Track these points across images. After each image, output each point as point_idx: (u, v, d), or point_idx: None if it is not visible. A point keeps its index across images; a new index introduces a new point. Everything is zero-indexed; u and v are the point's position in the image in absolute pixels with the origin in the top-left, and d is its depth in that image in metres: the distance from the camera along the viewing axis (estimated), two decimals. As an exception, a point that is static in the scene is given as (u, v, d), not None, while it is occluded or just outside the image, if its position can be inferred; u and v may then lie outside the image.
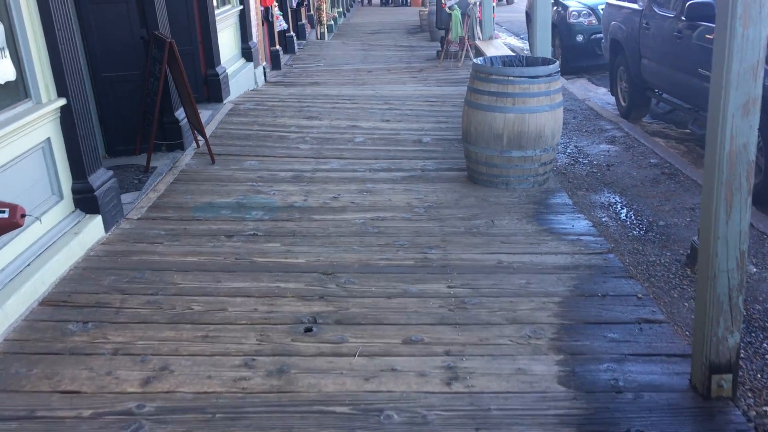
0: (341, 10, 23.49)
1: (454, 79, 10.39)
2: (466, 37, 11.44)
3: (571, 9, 11.68)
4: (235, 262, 4.19)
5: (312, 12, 16.92)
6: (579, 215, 4.89)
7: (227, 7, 9.17)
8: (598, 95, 10.13)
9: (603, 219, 5.06)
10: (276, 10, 12.08)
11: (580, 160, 6.55)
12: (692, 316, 3.68)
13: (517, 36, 18.14)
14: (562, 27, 11.86)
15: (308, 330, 3.44)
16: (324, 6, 16.12)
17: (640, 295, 3.71)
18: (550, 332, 3.38)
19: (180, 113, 6.39)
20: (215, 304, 3.68)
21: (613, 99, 9.17)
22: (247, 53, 9.73)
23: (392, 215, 4.92)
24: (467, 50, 11.53)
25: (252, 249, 4.37)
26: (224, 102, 8.22)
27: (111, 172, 4.79)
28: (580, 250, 4.29)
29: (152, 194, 5.36)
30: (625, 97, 8.45)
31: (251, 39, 9.87)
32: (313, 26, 16.94)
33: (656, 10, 7.34)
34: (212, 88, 8.14)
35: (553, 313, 3.55)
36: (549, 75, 5.28)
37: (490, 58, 5.73)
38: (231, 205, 5.15)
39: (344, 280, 3.94)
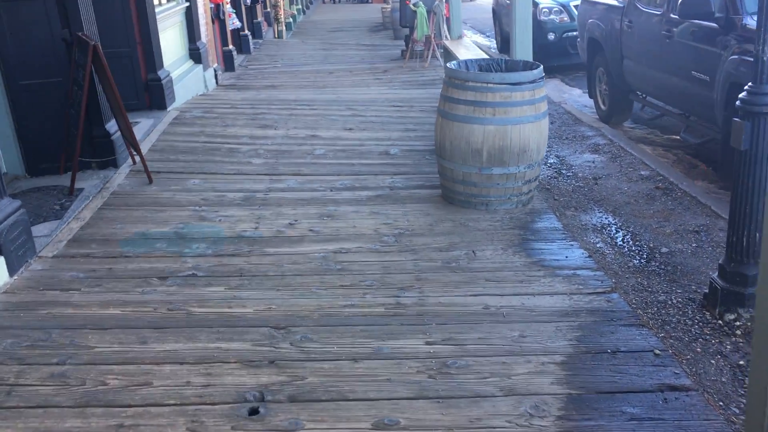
0: (300, 6, 22.68)
1: (421, 81, 9.73)
2: (433, 36, 10.78)
3: (541, 6, 11.11)
4: (167, 315, 3.44)
5: (269, 9, 16.10)
6: (572, 242, 4.26)
7: (170, 4, 8.34)
8: (573, 97, 9.57)
9: (598, 245, 4.44)
10: (228, 7, 11.26)
11: (564, 172, 5.93)
12: (724, 379, 3.06)
13: (483, 33, 17.57)
14: (533, 25, 11.24)
15: (254, 412, 2.73)
16: (282, 3, 15.32)
17: (657, 351, 3.08)
18: (555, 407, 2.72)
19: (111, 125, 5.59)
20: (137, 376, 2.94)
21: (590, 101, 8.61)
22: (195, 54, 8.92)
23: (358, 246, 4.22)
24: (434, 50, 10.88)
25: (189, 296, 3.63)
26: (168, 109, 7.41)
27: (18, 203, 4.00)
28: (578, 289, 3.65)
29: (74, 224, 4.56)
30: (605, 101, 7.88)
31: (200, 39, 9.05)
32: (270, 24, 16.12)
33: (640, 7, 6.77)
34: (154, 95, 7.33)
35: (557, 378, 2.90)
36: (533, 81, 4.63)
37: (465, 61, 5.06)
38: (168, 237, 4.39)
39: (300, 337, 3.23)
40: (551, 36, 11.01)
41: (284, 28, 16.32)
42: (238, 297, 3.61)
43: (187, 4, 8.73)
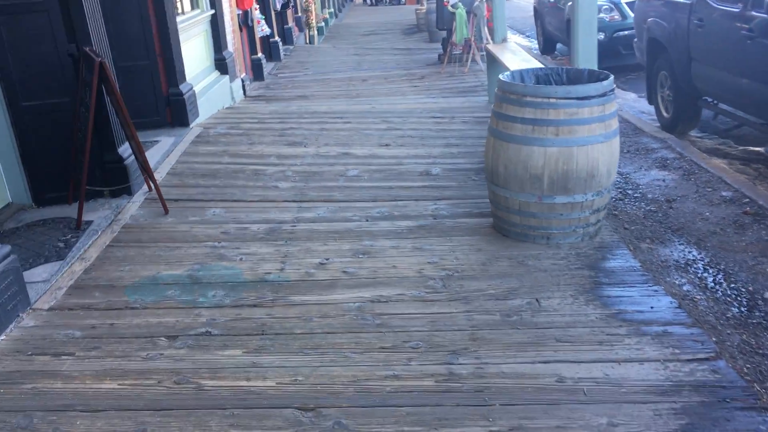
0: (332, 10, 22.20)
1: (461, 88, 9.08)
2: (473, 40, 10.12)
3: (589, 4, 10.33)
4: (172, 391, 2.85)
5: (300, 14, 15.60)
6: (655, 287, 3.57)
7: (194, 12, 7.84)
8: (629, 102, 8.80)
9: (685, 288, 3.74)
10: (257, 14, 10.76)
11: (630, 192, 5.23)
12: None
13: (522, 34, 16.83)
14: (579, 24, 10.51)
15: None
16: (313, 7, 14.81)
17: (791, 449, 2.40)
18: None
19: (125, 149, 5.06)
20: (130, 482, 2.36)
21: (649, 107, 7.85)
22: (221, 65, 8.41)
23: (399, 293, 3.60)
24: (474, 54, 10.21)
25: (201, 362, 3.04)
26: (191, 126, 6.89)
27: (7, 248, 3.46)
28: (674, 354, 2.97)
29: (78, 265, 4.02)
30: (669, 107, 7.13)
31: (226, 48, 8.54)
32: (301, 29, 15.62)
33: (712, 4, 6.02)
34: (176, 110, 6.81)
35: (664, 490, 2.24)
36: (603, 95, 3.95)
37: (520, 72, 4.40)
38: (182, 281, 3.82)
39: (333, 424, 2.61)
40: (601, 36, 10.22)
41: (316, 32, 15.83)
42: (258, 364, 3.01)
43: (213, 11, 8.22)
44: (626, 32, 10.16)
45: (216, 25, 8.29)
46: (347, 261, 4.00)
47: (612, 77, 4.07)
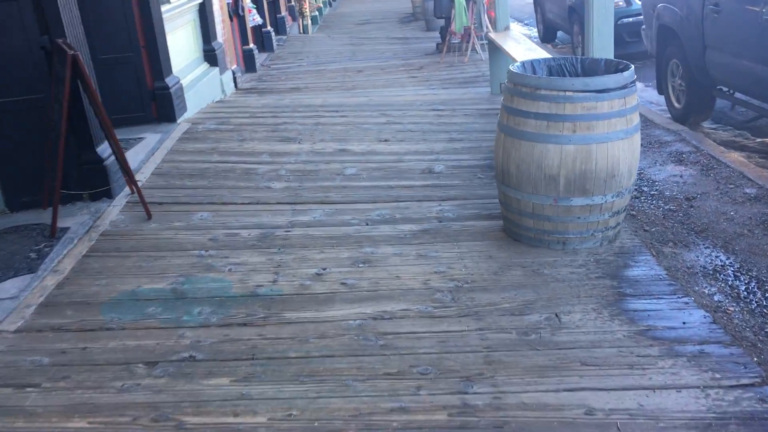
0: (326, -1, 21.74)
1: (461, 79, 8.72)
2: (473, 28, 9.75)
3: (592, -10, 9.96)
4: (149, 431, 2.52)
5: (293, 2, 15.18)
6: (685, 299, 3.25)
7: (181, 1, 7.45)
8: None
9: (716, 298, 3.41)
10: (248, 3, 10.36)
11: (647, 190, 4.89)
12: None
13: (520, 21, 16.43)
14: (582, 11, 10.14)
15: None
16: (306, -4, 14.39)
17: None
18: None
19: (104, 149, 4.69)
20: None
21: (658, 97, 7.51)
22: (210, 56, 8.02)
23: (404, 309, 3.26)
24: (474, 43, 9.84)
25: (183, 394, 2.71)
26: (178, 121, 6.52)
27: (-33, 265, 3.12)
28: (714, 379, 2.65)
29: (50, 279, 3.68)
30: (680, 97, 6.78)
31: (215, 39, 8.15)
32: (294, 19, 15.21)
33: (730, -13, 5.66)
34: (162, 105, 6.44)
35: None
36: (624, 87, 3.61)
37: (531, 62, 4.05)
38: (164, 296, 3.48)
39: (332, 469, 2.29)
40: (604, 23, 9.87)
41: (309, 22, 15.42)
42: (247, 395, 2.67)
43: (200, 0, 7.83)
44: (631, 19, 9.80)
45: (204, 14, 7.90)
46: (346, 271, 3.66)
47: (632, 67, 3.72)
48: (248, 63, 10.19)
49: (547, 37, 13.07)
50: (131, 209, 4.57)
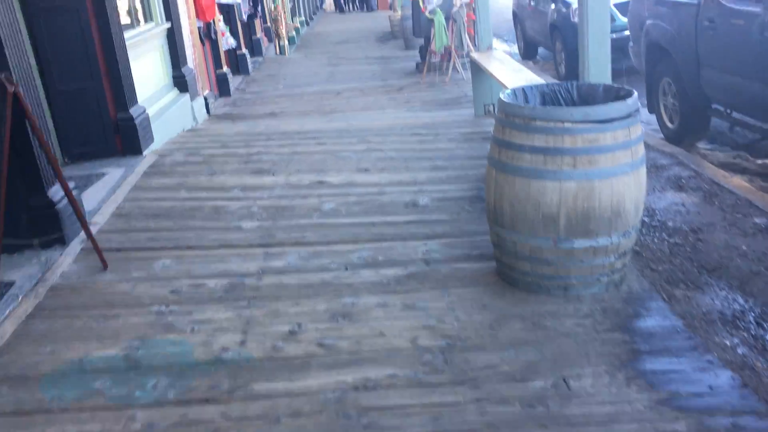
0: (303, 18, 21.47)
1: (443, 100, 8.38)
2: (453, 47, 9.44)
3: (575, 6, 9.72)
4: None
5: (269, 23, 14.83)
6: (708, 356, 2.88)
7: (147, 26, 7.06)
8: (623, 111, 8.15)
9: (740, 351, 3.04)
10: (221, 25, 9.99)
11: (648, 221, 4.54)
12: None
13: (500, 38, 16.20)
14: (565, 28, 9.91)
15: None
16: (281, 17, 14.05)
17: None
18: None
19: (56, 191, 4.25)
20: None
21: (649, 117, 7.20)
22: (180, 82, 7.63)
23: (389, 375, 2.86)
24: (455, 62, 9.52)
25: (130, 497, 2.28)
26: (144, 154, 6.10)
27: None
28: (754, 462, 2.27)
29: (-13, 347, 3.24)
30: (673, 117, 6.48)
31: (185, 64, 7.76)
32: (270, 40, 14.86)
33: (726, 3, 5.37)
34: (126, 137, 6.01)
35: None
36: (628, 116, 3.26)
37: (522, 89, 3.70)
38: (115, 366, 3.04)
39: None
40: (589, 40, 9.61)
41: (287, 42, 15.08)
42: (207, 497, 2.25)
43: (168, 24, 7.45)
44: (613, 35, 9.51)
45: (173, 39, 7.52)
46: (324, 328, 3.26)
47: (635, 94, 3.38)
48: (222, 87, 9.80)
49: (527, 53, 12.83)
50: (86, 257, 4.14)
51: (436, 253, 4.01)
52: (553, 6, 10.35)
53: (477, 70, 7.22)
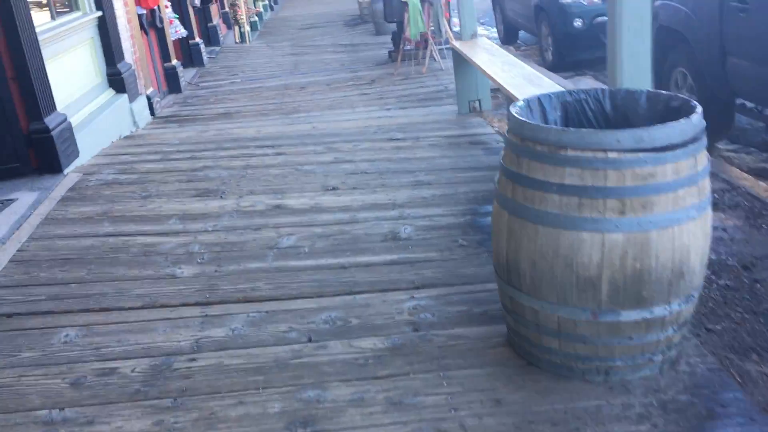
0: (267, 2, 20.25)
1: (421, 95, 7.42)
2: (430, 34, 8.45)
3: (564, -15, 8.80)
4: None
5: (227, 9, 13.68)
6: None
7: (71, 16, 5.97)
8: (622, 103, 7.28)
9: None
10: (168, 12, 8.89)
11: (684, 253, 3.66)
12: None
13: (477, 21, 15.23)
14: (552, 9, 9.01)
15: None
16: (240, 1, 12.90)
17: None
18: None
19: None
20: None
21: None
22: (116, 81, 6.55)
23: None
24: (432, 51, 8.55)
25: None
26: (65, 172, 5.06)
27: None
28: None
29: None
30: (690, 115, 5.60)
31: (122, 59, 6.68)
32: (229, 27, 13.72)
33: (762, -20, 4.49)
34: (42, 153, 4.96)
35: None
36: (694, 139, 2.35)
37: (537, 99, 2.76)
38: None
39: None
40: (578, 23, 8.73)
41: (249, 28, 13.95)
42: None
43: (99, 13, 6.36)
44: (607, 18, 8.64)
45: (106, 30, 6.43)
46: (277, 447, 2.32)
47: (699, 108, 2.47)
48: (171, 82, 8.71)
49: (508, 38, 11.89)
50: (-36, 329, 3.14)
51: (426, 311, 3.08)
52: (536, -16, 9.42)
53: (460, 61, 6.27)
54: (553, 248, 2.39)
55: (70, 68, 5.69)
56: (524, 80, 4.70)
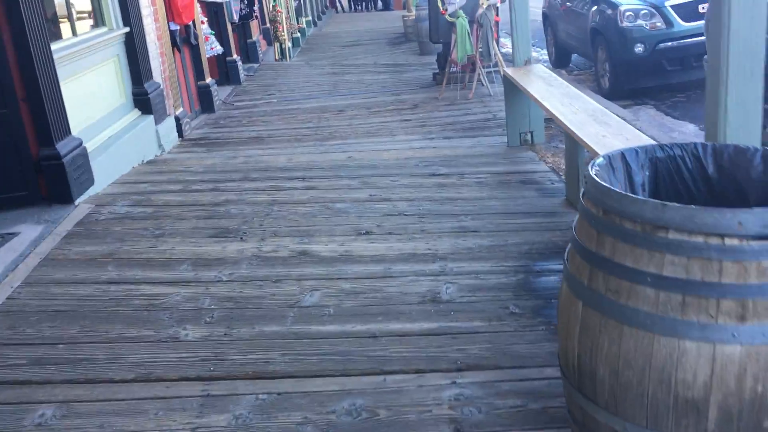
0: (310, 18, 20.01)
1: (467, 124, 6.87)
2: (478, 57, 7.92)
3: (623, 8, 8.19)
4: None
5: (268, 24, 13.36)
6: None
7: (97, 31, 5.61)
8: (688, 137, 6.64)
9: None
10: (204, 28, 8.54)
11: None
12: None
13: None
14: (611, 33, 8.39)
15: None
16: (283, 17, 12.57)
17: None
18: None
19: None
20: None
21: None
22: (142, 101, 6.17)
23: None
24: (480, 75, 8.00)
25: None
26: (76, 202, 4.65)
27: None
28: None
29: None
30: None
31: (150, 78, 6.30)
32: (270, 43, 13.41)
33: None
34: (52, 181, 4.56)
35: None
36: (843, 222, 1.76)
37: (622, 153, 2.20)
38: None
39: None
40: (639, 48, 8.09)
41: (291, 44, 13.64)
42: None
43: (127, 29, 5.99)
44: (671, 43, 8.01)
45: (133, 47, 6.06)
46: None
47: None
48: (204, 102, 8.35)
49: (560, 61, 11.28)
50: (-72, 400, 2.68)
51: (470, 404, 2.53)
52: (594, 7, 8.81)
53: (511, 89, 5.71)
54: (644, 357, 1.82)
55: (90, 88, 5.31)
56: (588, 117, 4.12)
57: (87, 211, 4.58)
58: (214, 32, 8.94)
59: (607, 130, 3.91)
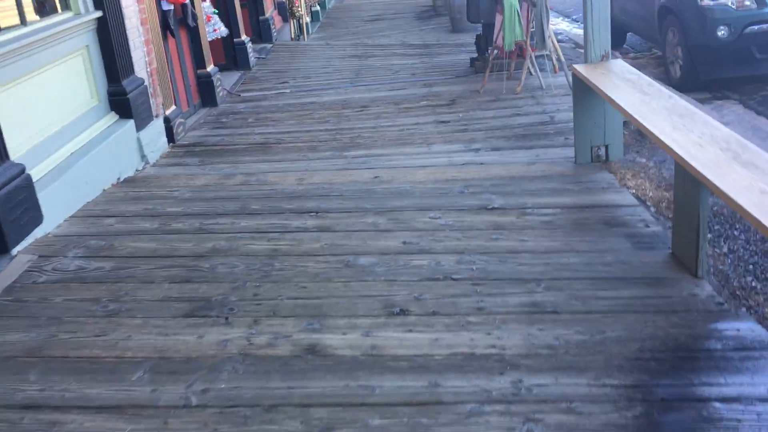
0: (331, -11, 18.59)
1: (518, 127, 5.60)
2: (528, 44, 6.60)
3: (707, -20, 6.80)
4: None
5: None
6: None
7: (56, 18, 4.41)
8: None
9: None
10: (206, 6, 7.32)
11: None
12: None
13: (568, 18, 13.22)
14: (687, 13, 7.04)
15: None
16: (298, -10, 11.24)
17: None
18: None
19: None
20: None
21: None
22: (120, 103, 4.98)
23: None
24: (531, 64, 6.70)
25: None
26: (12, 252, 3.51)
27: None
28: None
29: None
30: None
31: (130, 73, 5.11)
32: (285, 19, 12.11)
33: None
34: (-21, 226, 3.43)
35: None
36: None
37: None
38: None
39: None
40: (722, 32, 6.72)
41: (309, 19, 12.35)
42: None
43: (99, 14, 4.79)
44: (763, 26, 6.65)
45: (108, 34, 4.86)
46: None
47: None
48: (205, 94, 7.15)
49: (613, 40, 9.88)
50: None
51: None
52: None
53: (583, 90, 4.45)
54: None
55: (44, 93, 4.14)
56: (722, 152, 2.86)
57: (25, 267, 3.42)
58: (217, 11, 7.71)
59: (755, 173, 2.66)
